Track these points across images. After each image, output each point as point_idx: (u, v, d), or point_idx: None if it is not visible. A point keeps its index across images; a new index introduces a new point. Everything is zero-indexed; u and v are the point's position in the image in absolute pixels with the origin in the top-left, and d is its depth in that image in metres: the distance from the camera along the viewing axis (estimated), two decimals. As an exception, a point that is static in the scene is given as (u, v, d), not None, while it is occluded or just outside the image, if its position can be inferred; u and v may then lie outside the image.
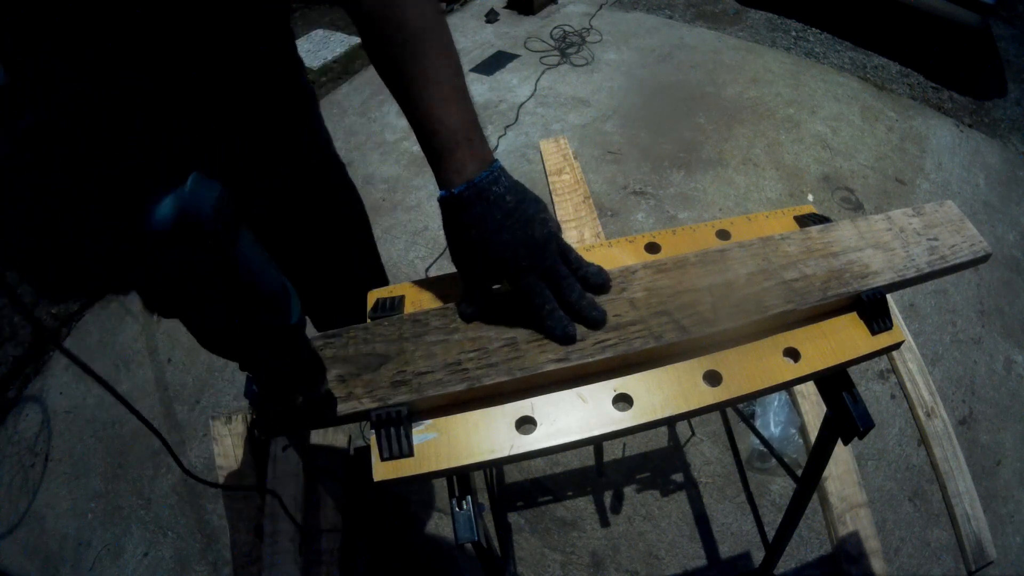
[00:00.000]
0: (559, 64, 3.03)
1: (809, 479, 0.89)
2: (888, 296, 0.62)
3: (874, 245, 0.67)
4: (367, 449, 0.55)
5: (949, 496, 1.45)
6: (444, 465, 0.53)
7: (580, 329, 0.58)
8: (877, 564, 1.32)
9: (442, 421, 0.56)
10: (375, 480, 0.53)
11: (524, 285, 0.57)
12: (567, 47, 3.11)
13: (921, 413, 1.59)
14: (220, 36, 0.63)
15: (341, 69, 3.15)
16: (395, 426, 0.54)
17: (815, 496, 1.23)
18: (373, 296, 0.67)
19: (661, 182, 2.32)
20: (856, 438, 0.65)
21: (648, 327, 0.59)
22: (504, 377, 0.55)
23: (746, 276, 0.63)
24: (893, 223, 0.69)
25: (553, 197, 1.11)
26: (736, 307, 0.60)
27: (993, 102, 2.76)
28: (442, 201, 0.57)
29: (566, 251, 0.60)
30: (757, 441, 1.51)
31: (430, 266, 2.07)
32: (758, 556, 1.38)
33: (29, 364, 1.95)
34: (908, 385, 1.66)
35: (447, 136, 0.56)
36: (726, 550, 1.42)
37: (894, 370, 1.71)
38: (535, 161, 2.36)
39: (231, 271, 0.37)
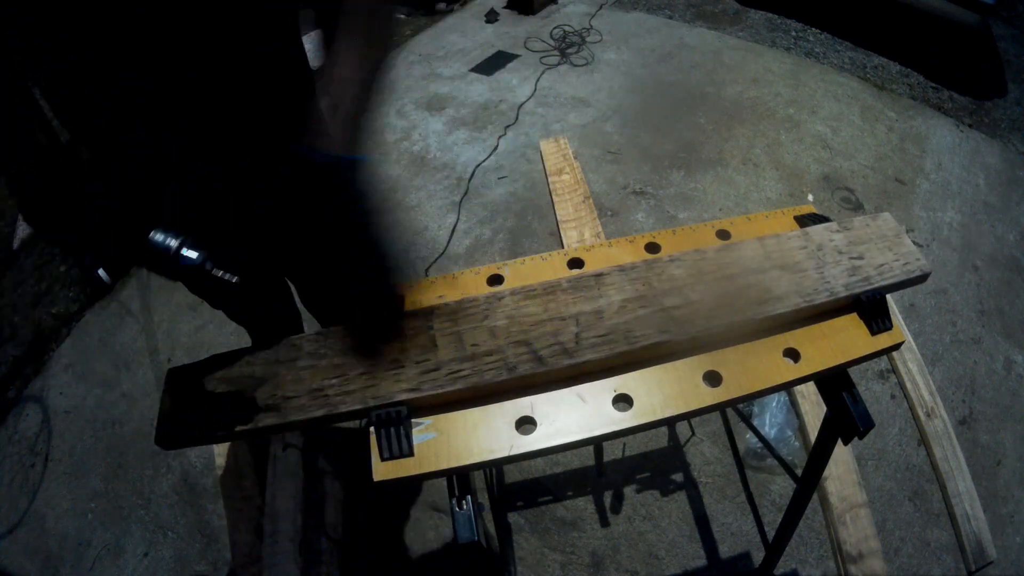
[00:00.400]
0: (559, 64, 3.02)
1: (809, 479, 0.89)
2: (888, 296, 0.62)
3: (781, 266, 0.62)
4: (367, 448, 0.55)
5: (949, 496, 1.45)
6: (444, 465, 0.53)
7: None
8: (877, 564, 1.32)
9: (442, 421, 0.56)
10: (375, 480, 0.53)
11: None
12: (567, 47, 3.11)
13: (921, 413, 1.59)
14: (219, 36, 0.63)
15: (341, 69, 3.15)
16: (395, 426, 0.54)
17: (815, 496, 1.23)
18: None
19: (661, 182, 2.32)
20: (856, 438, 0.65)
21: (504, 357, 0.57)
22: (359, 405, 0.55)
23: (619, 303, 0.59)
24: (810, 240, 0.65)
25: (553, 197, 1.11)
26: (602, 338, 0.57)
27: (993, 102, 2.76)
28: None
29: None
30: (754, 439, 1.51)
31: (430, 266, 2.06)
32: (758, 556, 1.38)
33: (29, 364, 1.95)
34: (908, 385, 1.66)
35: None
36: (726, 550, 1.42)
37: (894, 370, 1.71)
38: (535, 161, 2.36)
39: None
